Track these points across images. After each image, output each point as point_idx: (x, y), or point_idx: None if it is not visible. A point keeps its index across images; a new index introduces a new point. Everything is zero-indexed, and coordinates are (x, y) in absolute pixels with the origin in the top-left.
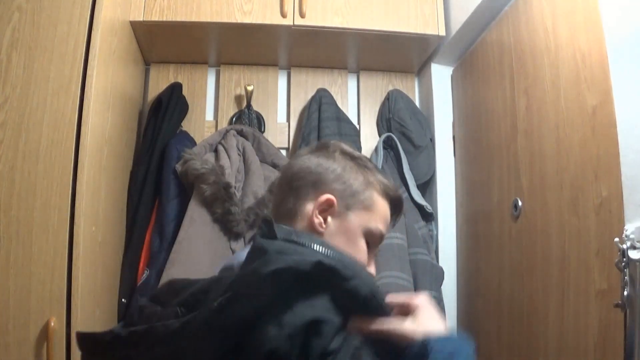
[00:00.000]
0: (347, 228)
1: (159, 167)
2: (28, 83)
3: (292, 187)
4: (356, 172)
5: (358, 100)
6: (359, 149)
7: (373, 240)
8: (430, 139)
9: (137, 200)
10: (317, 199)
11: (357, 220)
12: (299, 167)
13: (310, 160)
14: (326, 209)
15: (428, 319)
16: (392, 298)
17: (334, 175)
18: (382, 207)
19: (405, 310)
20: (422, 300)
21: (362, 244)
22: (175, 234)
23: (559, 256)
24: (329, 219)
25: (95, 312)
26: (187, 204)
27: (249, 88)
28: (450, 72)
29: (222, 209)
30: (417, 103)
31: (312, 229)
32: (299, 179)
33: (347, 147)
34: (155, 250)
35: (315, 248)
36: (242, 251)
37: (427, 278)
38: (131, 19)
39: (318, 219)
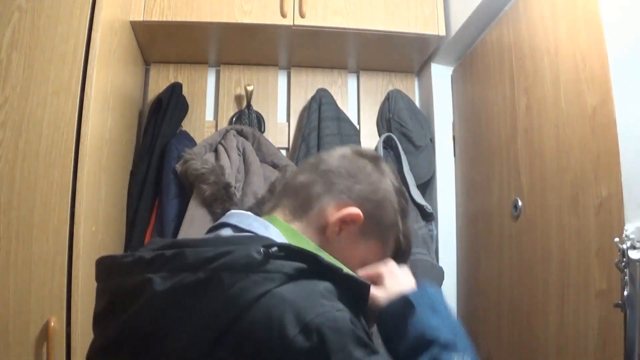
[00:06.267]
0: (353, 253)
1: (159, 167)
2: (28, 83)
3: (327, 178)
4: (395, 209)
5: (358, 100)
6: None
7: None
8: (430, 139)
9: (137, 200)
10: (345, 207)
11: (365, 251)
12: (346, 163)
13: (358, 163)
14: (347, 223)
15: (393, 281)
16: (360, 272)
17: (375, 196)
18: (391, 251)
19: (375, 281)
20: (384, 267)
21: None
22: (175, 234)
23: (559, 256)
24: (342, 233)
25: None
26: (187, 204)
27: (249, 88)
28: (450, 72)
29: (222, 209)
30: (417, 103)
31: (321, 232)
32: (340, 175)
33: (396, 176)
34: None
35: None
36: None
37: (427, 278)
38: (131, 19)
39: (335, 228)
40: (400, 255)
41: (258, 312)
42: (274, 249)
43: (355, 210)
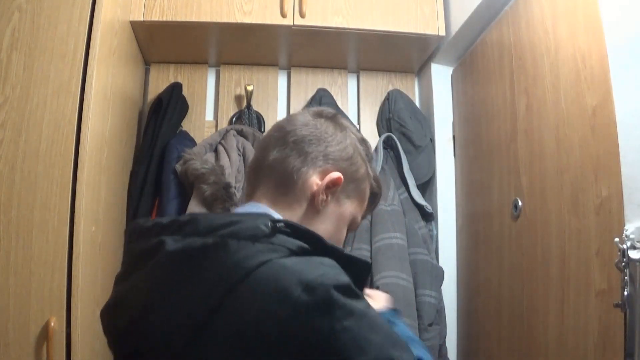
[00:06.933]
0: (341, 214)
1: (159, 167)
2: (28, 83)
3: (299, 148)
4: (363, 159)
5: (358, 100)
6: None
7: (350, 231)
8: (430, 139)
9: (137, 200)
10: (326, 173)
11: (350, 208)
12: (311, 129)
13: (321, 126)
14: (331, 188)
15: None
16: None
17: (346, 154)
18: (367, 201)
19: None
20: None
21: (345, 233)
22: None
23: (559, 256)
24: (329, 199)
25: (95, 312)
26: (187, 204)
27: (249, 88)
28: (450, 72)
29: (222, 209)
30: (417, 103)
31: (309, 204)
32: (310, 142)
33: (355, 127)
34: None
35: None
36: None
37: (427, 278)
38: (131, 19)
39: (323, 196)
40: (374, 198)
41: (258, 278)
42: (281, 224)
43: (336, 174)
